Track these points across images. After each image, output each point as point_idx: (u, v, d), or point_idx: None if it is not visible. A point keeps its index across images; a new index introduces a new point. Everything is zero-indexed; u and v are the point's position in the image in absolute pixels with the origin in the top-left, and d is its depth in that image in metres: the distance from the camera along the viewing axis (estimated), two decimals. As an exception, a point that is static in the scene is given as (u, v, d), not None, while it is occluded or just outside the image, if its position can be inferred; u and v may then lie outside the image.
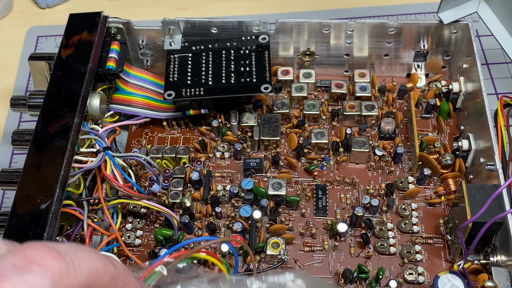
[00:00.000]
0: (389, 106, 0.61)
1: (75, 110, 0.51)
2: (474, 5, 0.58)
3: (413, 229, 0.53)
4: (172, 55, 0.60)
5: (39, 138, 0.50)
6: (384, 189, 0.55)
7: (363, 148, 0.56)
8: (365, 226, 0.53)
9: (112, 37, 0.61)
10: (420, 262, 0.51)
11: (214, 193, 0.55)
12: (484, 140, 0.53)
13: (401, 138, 0.59)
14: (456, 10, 0.58)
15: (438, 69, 0.64)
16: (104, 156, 0.52)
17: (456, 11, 0.58)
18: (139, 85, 0.60)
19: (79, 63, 0.55)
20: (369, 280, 0.50)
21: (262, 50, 0.60)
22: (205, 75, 0.58)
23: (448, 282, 0.46)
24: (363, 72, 0.63)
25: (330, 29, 0.60)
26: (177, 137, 0.61)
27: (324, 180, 0.57)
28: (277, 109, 0.60)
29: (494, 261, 0.48)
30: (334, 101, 0.62)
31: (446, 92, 0.60)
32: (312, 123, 0.60)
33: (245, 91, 0.57)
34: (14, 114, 0.68)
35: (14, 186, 0.47)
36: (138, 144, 0.61)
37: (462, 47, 0.60)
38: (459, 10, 0.58)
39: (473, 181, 0.54)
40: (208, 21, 0.60)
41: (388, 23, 0.60)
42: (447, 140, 0.59)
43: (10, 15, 0.80)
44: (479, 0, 0.58)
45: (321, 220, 0.54)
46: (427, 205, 0.55)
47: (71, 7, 0.80)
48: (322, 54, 0.63)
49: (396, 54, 0.62)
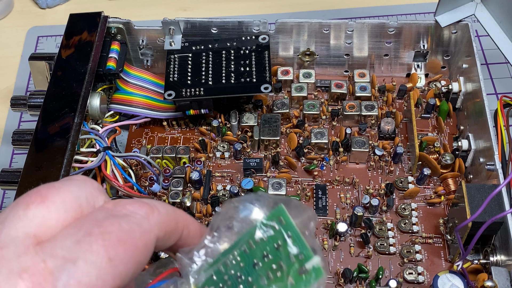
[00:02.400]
0: (389, 106, 0.61)
1: (75, 110, 0.52)
2: (471, 8, 0.58)
3: (413, 229, 0.53)
4: (172, 55, 0.60)
5: (40, 138, 0.50)
6: (384, 189, 0.55)
7: (363, 148, 0.57)
8: (365, 226, 0.53)
9: (112, 37, 0.61)
10: (420, 262, 0.51)
11: (214, 193, 0.55)
12: (484, 140, 0.53)
13: (401, 138, 0.59)
14: (453, 13, 0.58)
15: (438, 69, 0.64)
16: (104, 156, 0.52)
17: (453, 14, 0.58)
18: (139, 85, 0.60)
19: (79, 63, 0.55)
20: (369, 279, 0.50)
21: (262, 50, 0.60)
22: (205, 75, 0.59)
23: (448, 282, 0.46)
24: (363, 72, 0.63)
25: (330, 29, 0.60)
26: (177, 137, 0.61)
27: (324, 180, 0.57)
28: (277, 109, 0.60)
29: (493, 260, 0.48)
30: (334, 101, 0.62)
31: (446, 92, 0.61)
32: (312, 123, 0.60)
33: (245, 91, 0.58)
34: (14, 114, 0.68)
35: (15, 186, 0.47)
36: (138, 144, 0.61)
37: (462, 47, 0.60)
38: (456, 13, 0.58)
39: (472, 181, 0.54)
40: (208, 21, 0.61)
41: (388, 23, 0.60)
42: (446, 140, 0.59)
43: (10, 15, 0.80)
44: (476, 2, 0.58)
45: (321, 220, 0.54)
46: (427, 205, 0.55)
47: (71, 7, 0.80)
48: (322, 54, 0.63)
49: (396, 54, 0.62)
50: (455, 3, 0.58)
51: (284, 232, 0.32)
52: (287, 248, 0.31)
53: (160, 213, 0.31)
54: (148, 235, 0.30)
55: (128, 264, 0.28)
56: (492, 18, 0.58)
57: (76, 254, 0.26)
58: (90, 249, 0.27)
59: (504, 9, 0.57)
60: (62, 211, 0.28)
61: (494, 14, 0.58)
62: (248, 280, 0.32)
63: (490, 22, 0.58)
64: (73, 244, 0.27)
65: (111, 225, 0.28)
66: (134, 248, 0.28)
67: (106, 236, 0.27)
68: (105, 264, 0.27)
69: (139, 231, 0.29)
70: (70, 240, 0.27)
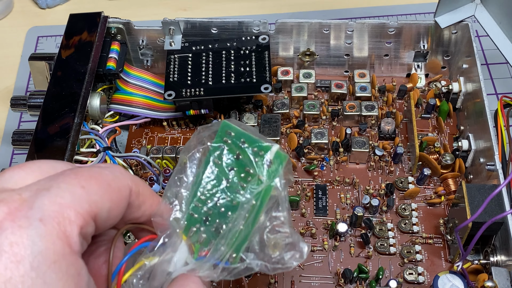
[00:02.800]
0: (389, 106, 0.61)
1: (75, 110, 0.52)
2: (471, 9, 0.58)
3: (413, 229, 0.53)
4: (172, 55, 0.60)
5: (39, 138, 0.50)
6: (384, 189, 0.55)
7: (363, 148, 0.57)
8: (365, 226, 0.53)
9: (112, 37, 0.61)
10: (420, 262, 0.51)
11: (214, 193, 0.55)
12: (484, 140, 0.53)
13: (401, 138, 0.59)
14: (453, 14, 0.58)
15: (438, 69, 0.64)
16: (104, 156, 0.52)
17: (453, 15, 0.58)
18: (139, 85, 0.60)
19: (79, 63, 0.55)
20: (369, 280, 0.50)
21: (262, 50, 0.60)
22: (205, 75, 0.58)
23: (448, 282, 0.46)
24: (363, 72, 0.63)
25: (330, 29, 0.60)
26: (177, 137, 0.61)
27: (324, 180, 0.57)
28: (277, 109, 0.60)
29: (494, 261, 0.48)
30: (334, 101, 0.62)
31: (446, 92, 0.60)
32: (312, 123, 0.60)
33: (245, 91, 0.57)
34: (14, 114, 0.68)
35: (15, 186, 0.47)
36: (138, 144, 0.61)
37: (462, 47, 0.60)
38: (456, 14, 0.58)
39: (473, 181, 0.54)
40: (208, 21, 0.61)
41: (388, 23, 0.60)
42: (447, 140, 0.59)
43: (10, 15, 0.80)
44: (476, 3, 0.58)
45: (321, 220, 0.54)
46: (427, 205, 0.55)
47: (71, 7, 0.80)
48: (322, 54, 0.63)
49: (396, 54, 0.62)
50: (455, 4, 0.58)
51: (236, 140, 0.34)
52: (246, 153, 0.33)
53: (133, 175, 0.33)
54: (121, 181, 0.31)
55: (102, 197, 0.29)
56: (492, 19, 0.58)
57: (50, 184, 0.27)
58: (63, 180, 0.28)
59: (503, 10, 0.57)
60: (38, 173, 0.29)
61: (493, 15, 0.58)
62: (227, 200, 0.33)
63: (490, 23, 0.58)
64: (47, 180, 0.28)
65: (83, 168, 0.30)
66: (107, 186, 0.29)
67: (78, 173, 0.29)
68: (79, 190, 0.28)
69: (112, 174, 0.30)
70: (45, 180, 0.28)
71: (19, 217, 0.25)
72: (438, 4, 0.56)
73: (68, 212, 0.27)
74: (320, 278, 0.51)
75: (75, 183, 0.28)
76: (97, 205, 0.28)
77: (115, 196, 0.30)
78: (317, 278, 0.51)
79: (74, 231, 0.27)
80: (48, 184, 0.27)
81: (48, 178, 0.28)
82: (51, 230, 0.26)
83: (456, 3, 0.58)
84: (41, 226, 0.26)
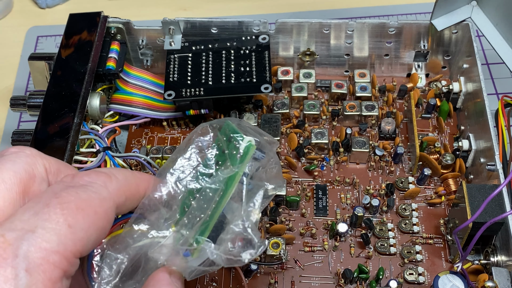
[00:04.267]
0: (389, 106, 0.61)
1: (75, 110, 0.51)
2: (467, 11, 0.58)
3: (413, 229, 0.53)
4: (172, 55, 0.60)
5: (39, 138, 0.50)
6: (384, 189, 0.55)
7: (363, 148, 0.56)
8: (365, 226, 0.53)
9: (112, 37, 0.61)
10: (421, 262, 0.51)
11: (214, 193, 0.55)
12: (485, 140, 0.53)
13: (401, 138, 0.59)
14: (449, 16, 0.58)
15: (438, 69, 0.64)
16: (104, 156, 0.52)
17: (450, 17, 0.58)
18: (139, 85, 0.60)
19: (79, 63, 0.55)
20: (369, 280, 0.50)
21: (262, 50, 0.60)
22: (205, 75, 0.58)
23: (449, 282, 0.46)
24: (363, 72, 0.63)
25: (330, 29, 0.60)
26: (177, 137, 0.61)
27: (324, 180, 0.57)
28: (277, 109, 0.60)
29: (494, 261, 0.48)
30: (334, 101, 0.62)
31: (447, 92, 0.60)
32: (312, 123, 0.60)
33: (245, 91, 0.57)
34: (14, 114, 0.68)
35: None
36: (138, 144, 0.61)
37: (463, 47, 0.60)
38: (453, 16, 0.58)
39: (473, 181, 0.54)
40: (208, 21, 0.60)
41: (388, 23, 0.60)
42: (447, 140, 0.59)
43: (10, 15, 0.80)
44: (473, 5, 0.58)
45: (321, 220, 0.54)
46: (427, 205, 0.55)
47: (71, 7, 0.80)
48: (322, 54, 0.63)
49: (396, 54, 0.62)
50: (451, 6, 0.58)
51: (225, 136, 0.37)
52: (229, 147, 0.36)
53: (119, 180, 0.33)
54: (107, 202, 0.31)
55: (88, 230, 0.29)
56: (489, 21, 0.58)
57: (35, 224, 0.27)
58: (49, 218, 0.27)
59: (500, 12, 0.56)
60: (5, 191, 0.29)
61: (490, 16, 0.58)
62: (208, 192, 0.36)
63: (487, 24, 0.58)
64: (31, 216, 0.27)
65: (69, 195, 0.29)
66: (94, 215, 0.29)
67: (64, 205, 0.28)
68: (65, 231, 0.28)
69: (98, 198, 0.30)
70: (29, 213, 0.28)
71: (5, 267, 0.25)
72: (435, 7, 0.56)
73: (54, 257, 0.27)
74: (320, 278, 0.51)
75: (61, 222, 0.28)
76: (82, 242, 0.29)
77: (101, 223, 0.30)
78: (317, 278, 0.51)
79: (59, 275, 0.27)
80: (33, 224, 0.27)
81: (33, 213, 0.28)
82: (37, 279, 0.26)
83: (452, 5, 0.58)
84: (27, 277, 0.26)
